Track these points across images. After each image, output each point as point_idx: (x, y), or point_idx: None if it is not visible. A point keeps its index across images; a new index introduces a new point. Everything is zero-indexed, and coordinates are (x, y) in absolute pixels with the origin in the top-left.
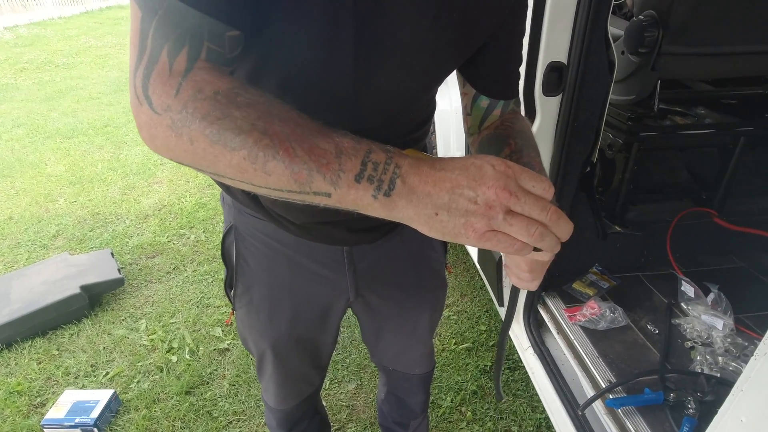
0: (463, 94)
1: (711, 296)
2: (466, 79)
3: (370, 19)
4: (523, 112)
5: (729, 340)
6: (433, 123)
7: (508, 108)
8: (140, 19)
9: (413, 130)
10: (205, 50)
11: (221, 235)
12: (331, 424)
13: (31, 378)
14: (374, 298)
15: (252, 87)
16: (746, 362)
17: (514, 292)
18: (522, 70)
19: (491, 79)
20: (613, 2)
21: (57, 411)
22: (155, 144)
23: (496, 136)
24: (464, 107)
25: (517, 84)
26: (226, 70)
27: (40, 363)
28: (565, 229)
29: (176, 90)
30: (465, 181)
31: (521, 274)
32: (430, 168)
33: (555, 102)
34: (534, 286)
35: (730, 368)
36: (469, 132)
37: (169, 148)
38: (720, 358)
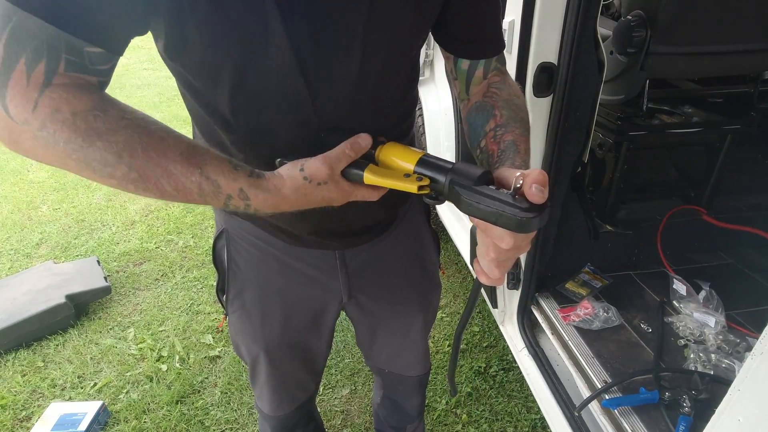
0: (446, 59)
1: (702, 294)
2: (437, 41)
3: (298, 9)
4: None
5: (721, 337)
6: (423, 124)
7: (491, 66)
8: None
9: (399, 122)
10: (63, 62)
11: (211, 240)
12: (326, 430)
13: (16, 391)
14: (367, 299)
15: (110, 105)
16: (739, 359)
17: (475, 291)
18: (513, 71)
19: (463, 39)
20: (601, 2)
21: (43, 425)
22: (19, 147)
23: (482, 106)
24: (449, 72)
25: (496, 39)
26: (90, 80)
27: (24, 375)
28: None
29: (33, 105)
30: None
31: (491, 270)
32: (284, 209)
33: (546, 103)
34: (501, 281)
35: (723, 365)
36: (460, 98)
37: (37, 156)
38: (713, 355)
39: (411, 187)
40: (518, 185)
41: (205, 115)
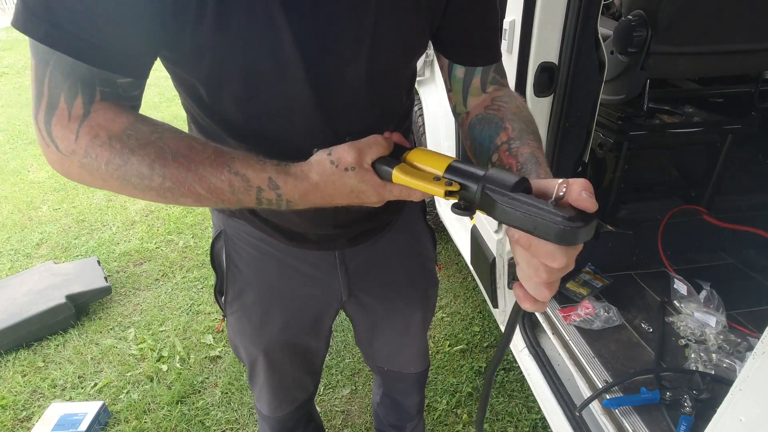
0: (441, 68)
1: (703, 293)
2: (433, 45)
3: (306, 18)
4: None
5: (722, 337)
6: (423, 124)
7: (489, 76)
8: (34, 67)
9: (400, 123)
10: (99, 94)
11: (210, 241)
12: (327, 430)
13: (16, 391)
14: (367, 297)
15: (142, 123)
16: (740, 359)
17: (514, 318)
18: (513, 71)
19: (459, 42)
20: (602, 2)
21: (43, 425)
22: (71, 177)
23: (488, 119)
24: (445, 83)
25: (493, 46)
26: (124, 105)
27: (25, 375)
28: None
29: (76, 136)
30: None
31: (541, 293)
32: (315, 200)
33: (546, 102)
34: (546, 304)
35: (724, 365)
36: (457, 111)
37: (86, 182)
38: (714, 355)
39: (438, 191)
40: (561, 193)
41: (212, 125)
